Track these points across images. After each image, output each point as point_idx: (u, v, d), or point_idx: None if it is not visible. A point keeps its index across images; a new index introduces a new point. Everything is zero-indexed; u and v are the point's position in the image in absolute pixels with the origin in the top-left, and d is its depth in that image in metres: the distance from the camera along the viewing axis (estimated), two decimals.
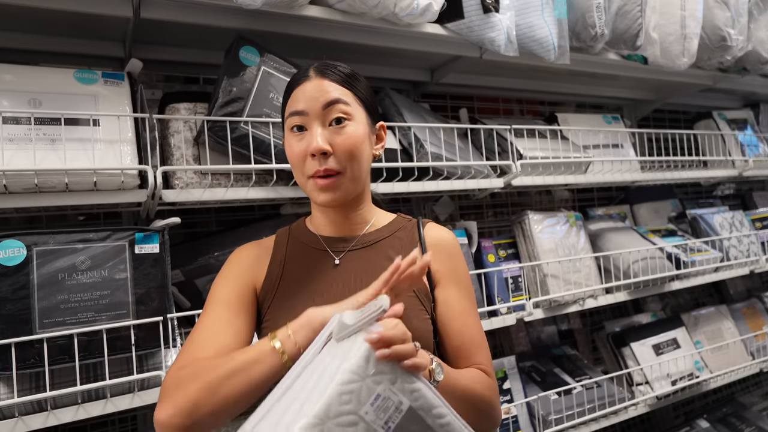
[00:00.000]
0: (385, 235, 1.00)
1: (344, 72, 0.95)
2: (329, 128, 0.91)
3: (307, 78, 0.93)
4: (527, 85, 2.16)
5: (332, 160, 0.90)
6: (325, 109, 0.90)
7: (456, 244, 1.03)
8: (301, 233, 1.02)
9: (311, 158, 0.90)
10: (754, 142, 2.56)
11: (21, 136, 1.11)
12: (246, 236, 1.50)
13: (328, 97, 0.91)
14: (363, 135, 0.93)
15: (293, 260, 0.99)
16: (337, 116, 0.91)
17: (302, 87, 0.93)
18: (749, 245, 2.32)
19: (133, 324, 1.13)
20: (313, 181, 0.91)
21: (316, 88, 0.91)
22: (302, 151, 0.91)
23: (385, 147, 1.07)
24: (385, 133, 1.03)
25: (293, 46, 1.49)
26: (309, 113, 0.91)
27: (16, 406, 1.05)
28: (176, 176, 1.27)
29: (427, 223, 1.04)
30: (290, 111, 0.93)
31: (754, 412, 2.41)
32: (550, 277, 1.76)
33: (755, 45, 2.19)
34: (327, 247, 0.98)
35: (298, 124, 0.92)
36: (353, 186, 0.94)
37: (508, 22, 1.53)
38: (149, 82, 1.59)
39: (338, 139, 0.90)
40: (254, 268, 0.98)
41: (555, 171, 1.83)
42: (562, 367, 1.98)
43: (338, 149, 0.90)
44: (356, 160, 0.92)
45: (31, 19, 1.27)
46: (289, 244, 1.01)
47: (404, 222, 1.03)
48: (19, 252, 1.07)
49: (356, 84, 0.96)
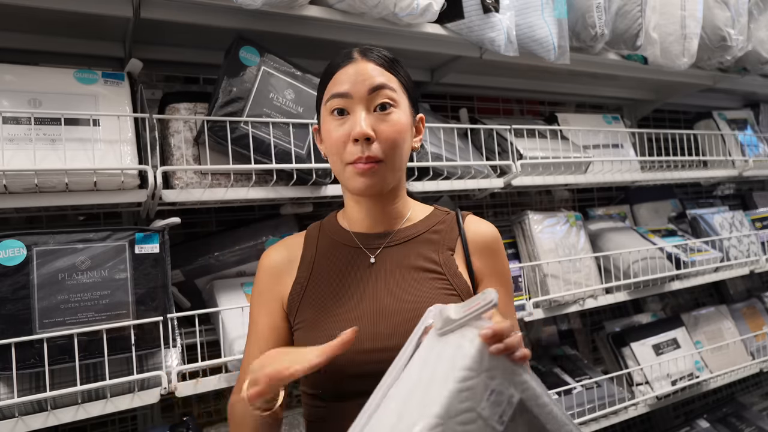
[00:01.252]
0: (422, 230, 0.96)
1: (389, 57, 0.91)
2: (373, 114, 0.87)
3: (351, 60, 0.89)
4: (527, 85, 2.16)
5: (375, 146, 0.86)
6: (371, 93, 0.86)
7: (498, 238, 0.99)
8: (333, 230, 0.99)
9: (353, 143, 0.86)
10: (754, 142, 2.56)
11: (21, 136, 1.11)
12: (246, 236, 1.51)
13: (374, 81, 0.86)
14: (407, 123, 0.90)
15: (324, 258, 0.96)
16: (383, 102, 0.87)
17: (346, 69, 0.88)
18: (749, 245, 2.32)
19: (133, 324, 1.13)
20: (352, 167, 0.87)
21: (361, 71, 0.87)
22: (343, 135, 0.86)
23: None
24: (423, 126, 0.99)
25: (293, 46, 1.49)
26: (353, 96, 0.86)
27: (16, 406, 1.05)
28: (176, 176, 1.27)
29: (467, 216, 1.00)
30: (332, 93, 0.88)
31: (754, 412, 2.41)
32: (550, 277, 1.76)
33: (755, 45, 2.19)
34: (361, 245, 0.94)
35: (339, 107, 0.87)
36: (392, 176, 0.90)
37: (508, 22, 1.53)
38: (149, 82, 1.59)
39: (383, 125, 0.86)
40: (279, 283, 0.96)
41: (555, 171, 1.83)
42: (562, 367, 1.98)
43: (382, 136, 0.86)
44: (398, 150, 0.88)
45: (31, 19, 1.27)
46: (320, 240, 0.98)
47: (442, 215, 1.00)
48: (19, 252, 1.07)
49: (401, 70, 0.92)
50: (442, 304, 0.73)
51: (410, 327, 0.84)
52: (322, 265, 0.95)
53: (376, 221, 0.95)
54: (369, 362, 0.83)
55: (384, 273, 0.91)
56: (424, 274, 0.91)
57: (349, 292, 0.90)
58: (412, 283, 0.90)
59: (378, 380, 0.81)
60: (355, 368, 0.84)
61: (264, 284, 0.97)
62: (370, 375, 0.83)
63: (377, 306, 0.88)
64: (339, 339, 0.75)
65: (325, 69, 0.93)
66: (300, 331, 0.91)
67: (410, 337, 0.74)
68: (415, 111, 0.96)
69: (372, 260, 0.93)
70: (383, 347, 0.84)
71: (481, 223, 1.00)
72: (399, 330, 0.84)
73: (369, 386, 0.83)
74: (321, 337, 0.85)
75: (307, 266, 0.96)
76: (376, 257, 0.93)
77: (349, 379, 0.80)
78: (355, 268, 0.93)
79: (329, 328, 0.87)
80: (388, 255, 0.93)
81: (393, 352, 0.82)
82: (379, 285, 0.90)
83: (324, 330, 0.87)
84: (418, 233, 0.96)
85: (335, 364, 0.79)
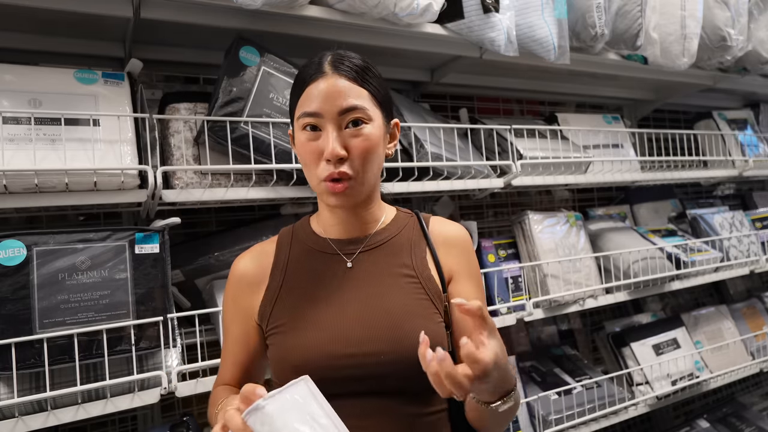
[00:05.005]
0: (394, 233, 0.97)
1: (360, 67, 0.90)
2: (345, 131, 0.87)
3: (322, 75, 0.88)
4: (527, 85, 2.16)
5: (347, 164, 0.86)
6: (341, 114, 0.87)
7: (467, 238, 1.00)
8: (307, 236, 0.99)
9: (326, 162, 0.86)
10: (754, 142, 2.56)
11: (21, 136, 1.11)
12: (246, 236, 1.51)
13: (343, 104, 0.86)
14: (378, 138, 0.90)
15: (297, 264, 0.96)
16: (354, 118, 0.87)
17: (316, 85, 0.88)
18: (749, 245, 2.32)
19: (133, 324, 1.13)
20: (325, 184, 0.87)
21: (331, 89, 0.87)
22: (316, 151, 0.87)
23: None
24: (399, 131, 0.99)
25: (293, 46, 1.49)
26: (324, 116, 0.86)
27: (16, 406, 1.05)
28: (176, 176, 1.27)
29: (430, 219, 1.01)
30: (303, 111, 0.88)
31: (754, 412, 2.41)
32: (550, 277, 1.76)
33: (755, 45, 2.18)
34: (338, 251, 0.95)
35: (311, 124, 0.88)
36: (364, 189, 0.91)
37: (508, 22, 1.53)
38: (149, 82, 1.59)
39: (354, 141, 0.87)
40: (250, 291, 0.96)
41: (555, 171, 1.83)
42: (562, 367, 1.98)
43: (354, 153, 0.87)
44: (370, 164, 0.89)
45: (31, 19, 1.27)
46: (293, 246, 0.99)
47: (406, 218, 1.01)
48: (19, 252, 1.07)
49: (372, 81, 0.91)
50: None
51: (388, 331, 0.85)
52: (295, 271, 0.95)
53: (351, 227, 0.96)
54: (348, 366, 0.85)
55: (361, 278, 0.92)
56: (399, 279, 0.92)
57: (326, 297, 0.91)
58: (389, 288, 0.91)
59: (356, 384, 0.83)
60: (334, 372, 0.84)
61: (234, 292, 0.99)
62: (349, 379, 0.85)
63: (356, 310, 0.89)
64: None
65: (297, 76, 0.93)
66: (275, 336, 0.91)
67: None
68: (389, 118, 0.96)
69: (349, 264, 0.94)
70: (362, 352, 0.85)
71: (447, 224, 1.02)
72: (377, 334, 0.85)
73: (348, 390, 0.83)
74: (299, 342, 0.87)
75: (279, 272, 0.96)
76: (352, 262, 0.94)
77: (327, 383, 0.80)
78: (331, 273, 0.93)
79: (308, 332, 0.87)
80: (365, 259, 0.94)
81: (371, 356, 0.84)
82: (356, 290, 0.90)
83: (302, 335, 0.88)
84: (391, 236, 0.97)
85: (314, 368, 0.80)
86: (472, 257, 1.00)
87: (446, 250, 0.97)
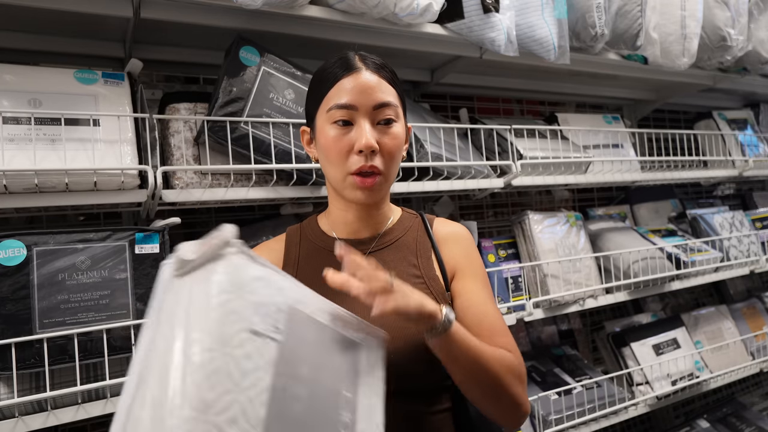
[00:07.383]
0: (400, 234, 0.99)
1: (389, 68, 0.93)
2: (377, 127, 0.89)
3: (356, 69, 0.90)
4: (527, 85, 2.16)
5: (378, 158, 0.88)
6: (376, 109, 0.88)
7: (468, 236, 1.02)
8: (316, 235, 0.99)
9: (357, 154, 0.88)
10: (754, 142, 2.56)
11: (21, 136, 1.11)
12: (246, 236, 1.51)
13: (380, 98, 0.88)
14: (403, 138, 0.93)
15: (307, 262, 0.96)
16: (387, 117, 0.89)
17: (350, 79, 0.89)
18: (749, 245, 2.32)
19: (133, 324, 1.13)
20: (353, 178, 0.88)
21: (366, 83, 0.89)
22: (347, 145, 0.88)
23: None
24: (410, 135, 1.02)
25: (293, 46, 1.49)
26: (359, 109, 0.88)
27: (16, 406, 1.05)
28: (176, 176, 1.27)
29: (434, 220, 1.03)
30: (335, 104, 0.88)
31: (754, 412, 2.41)
32: (550, 277, 1.76)
33: (755, 45, 2.18)
34: None
35: (344, 119, 0.88)
36: (386, 187, 0.93)
37: (508, 22, 1.53)
38: (149, 82, 1.59)
39: (385, 138, 0.89)
40: None
41: (555, 171, 1.83)
42: (562, 367, 1.98)
43: (384, 149, 0.89)
44: (396, 162, 0.92)
45: (31, 19, 1.27)
46: (302, 245, 0.99)
47: (411, 218, 1.02)
48: (19, 252, 1.07)
49: (398, 82, 0.95)
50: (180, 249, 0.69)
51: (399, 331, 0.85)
52: (305, 269, 0.95)
53: (364, 226, 0.97)
54: None
55: None
56: (408, 279, 0.92)
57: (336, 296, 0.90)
58: None
59: None
60: None
61: None
62: None
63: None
64: None
65: (321, 74, 0.93)
66: None
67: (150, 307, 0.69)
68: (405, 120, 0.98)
69: None
70: None
71: (450, 224, 1.03)
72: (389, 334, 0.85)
73: None
74: None
75: (291, 269, 0.96)
76: None
77: None
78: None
79: None
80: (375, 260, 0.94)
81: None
82: None
83: None
84: (399, 237, 0.98)
85: None
86: (474, 253, 1.00)
87: (448, 248, 0.98)
